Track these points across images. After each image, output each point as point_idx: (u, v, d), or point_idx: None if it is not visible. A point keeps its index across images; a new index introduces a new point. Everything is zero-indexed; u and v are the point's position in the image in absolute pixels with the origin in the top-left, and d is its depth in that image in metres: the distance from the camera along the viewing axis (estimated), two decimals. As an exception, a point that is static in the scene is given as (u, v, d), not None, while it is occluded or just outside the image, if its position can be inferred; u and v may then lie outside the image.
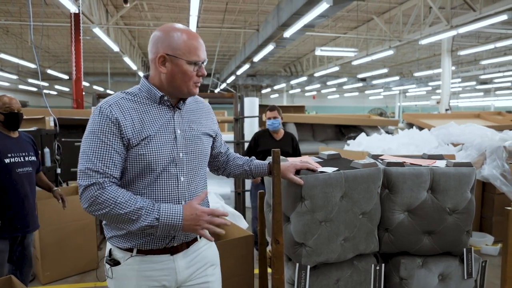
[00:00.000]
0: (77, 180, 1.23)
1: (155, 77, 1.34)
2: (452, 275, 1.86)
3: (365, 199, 1.74)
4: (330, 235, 1.69)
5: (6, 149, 2.48)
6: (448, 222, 1.82)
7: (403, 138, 4.91)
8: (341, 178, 1.68)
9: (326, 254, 1.71)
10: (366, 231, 1.77)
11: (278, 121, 3.81)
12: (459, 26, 8.87)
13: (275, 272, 1.59)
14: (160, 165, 1.29)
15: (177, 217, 1.21)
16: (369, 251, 1.81)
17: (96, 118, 1.24)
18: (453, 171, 1.80)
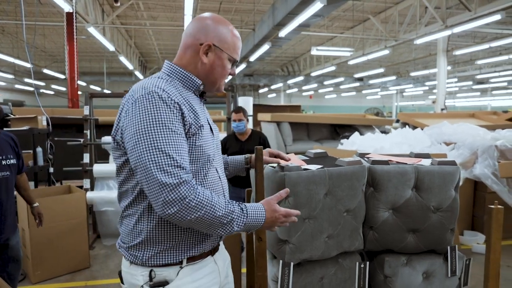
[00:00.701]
0: (155, 180, 1.02)
1: (190, 64, 1.23)
2: (436, 273, 1.86)
3: (349, 196, 1.74)
4: (314, 232, 1.70)
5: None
6: (432, 220, 1.83)
7: (396, 137, 4.92)
8: (325, 176, 1.68)
9: (310, 251, 1.71)
10: (350, 228, 1.78)
11: (243, 124, 3.66)
12: (454, 26, 8.90)
13: (258, 269, 1.59)
14: (211, 158, 1.22)
15: (260, 220, 1.15)
16: (353, 248, 1.81)
17: (156, 104, 1.07)
18: (437, 169, 1.81)
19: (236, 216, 1.10)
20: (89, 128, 4.46)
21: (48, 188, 4.14)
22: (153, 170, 1.03)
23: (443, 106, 11.64)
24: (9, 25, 13.96)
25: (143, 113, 1.06)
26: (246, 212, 1.13)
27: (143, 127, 1.05)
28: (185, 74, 1.23)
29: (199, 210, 1.04)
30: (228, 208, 1.10)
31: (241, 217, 1.11)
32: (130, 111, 1.09)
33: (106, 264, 3.80)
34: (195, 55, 1.22)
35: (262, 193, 1.55)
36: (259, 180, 1.54)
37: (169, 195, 1.01)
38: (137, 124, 1.06)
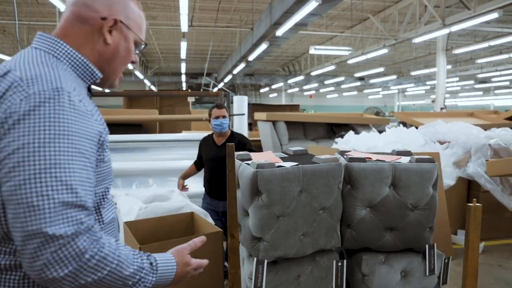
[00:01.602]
0: (35, 227, 0.68)
1: (84, 45, 0.89)
2: (415, 272, 1.85)
3: (324, 194, 1.73)
4: (288, 230, 1.69)
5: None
6: (410, 218, 1.81)
7: (390, 136, 4.90)
8: (299, 173, 1.67)
9: (284, 249, 1.70)
10: (326, 226, 1.77)
11: (227, 121, 3.01)
12: (452, 24, 8.85)
13: (231, 266, 1.59)
14: (111, 182, 0.96)
15: (170, 276, 0.94)
16: (329, 246, 1.80)
17: (62, 110, 0.74)
18: (414, 166, 1.80)
19: (145, 273, 0.85)
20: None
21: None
22: (38, 210, 0.69)
23: (442, 105, 11.59)
24: (10, 25, 14.02)
25: (42, 119, 0.72)
26: (156, 268, 0.89)
27: (37, 141, 0.71)
28: (81, 61, 0.88)
29: (102, 270, 0.74)
30: (137, 264, 0.83)
31: (150, 274, 0.86)
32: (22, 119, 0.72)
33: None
34: (92, 33, 0.89)
35: (234, 190, 1.54)
36: (231, 177, 1.54)
37: (58, 253, 0.69)
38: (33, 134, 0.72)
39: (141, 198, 3.32)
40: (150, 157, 4.70)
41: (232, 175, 1.52)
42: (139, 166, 4.30)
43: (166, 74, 24.92)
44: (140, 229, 2.50)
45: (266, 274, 1.67)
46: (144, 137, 4.92)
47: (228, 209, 1.55)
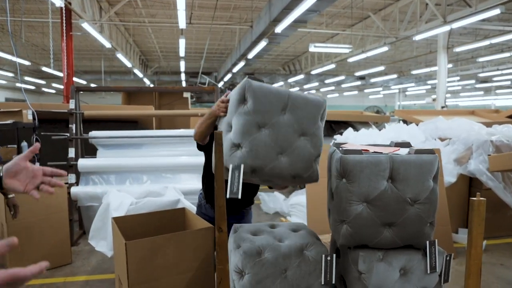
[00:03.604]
0: None
1: None
2: (414, 269, 1.76)
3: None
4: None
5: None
6: (409, 213, 1.72)
7: (390, 133, 4.81)
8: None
9: (263, 159, 1.72)
10: (306, 157, 1.82)
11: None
12: (453, 21, 8.76)
13: (219, 262, 1.50)
14: None
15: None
16: (307, 175, 1.84)
17: None
18: (414, 158, 1.71)
19: None
20: (75, 122, 4.37)
21: (31, 183, 4.05)
22: None
23: (443, 104, 11.48)
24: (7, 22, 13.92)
25: None
26: None
27: None
28: None
29: None
30: None
31: None
32: None
33: (88, 260, 3.72)
34: None
35: (222, 181, 1.45)
36: (219, 166, 1.44)
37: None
38: None
39: (134, 194, 3.23)
40: (144, 153, 4.61)
41: (220, 164, 1.42)
42: (133, 163, 4.21)
43: (166, 73, 24.84)
44: (128, 224, 2.41)
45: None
46: (138, 133, 4.82)
47: (216, 200, 1.45)
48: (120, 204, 2.79)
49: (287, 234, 1.93)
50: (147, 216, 2.54)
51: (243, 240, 1.82)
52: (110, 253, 2.64)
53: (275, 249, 1.74)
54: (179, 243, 2.07)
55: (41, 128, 4.64)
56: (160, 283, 2.04)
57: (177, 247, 2.07)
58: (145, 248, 1.99)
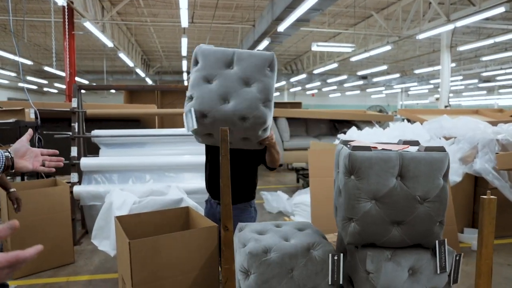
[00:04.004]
0: None
1: None
2: (423, 269, 1.72)
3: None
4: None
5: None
6: (418, 211, 1.68)
7: (394, 132, 4.77)
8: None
9: (209, 104, 1.90)
10: (249, 100, 1.89)
11: None
12: (457, 20, 8.71)
13: (225, 261, 1.46)
14: None
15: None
16: (252, 115, 1.89)
17: None
18: (424, 156, 1.67)
19: None
20: (78, 121, 4.35)
21: (33, 181, 4.04)
22: None
23: (446, 103, 11.42)
24: (12, 23, 13.93)
25: None
26: None
27: None
28: None
29: None
30: None
31: None
32: None
33: (91, 260, 3.70)
34: None
35: (228, 178, 1.42)
36: (224, 163, 1.41)
37: None
38: None
39: (137, 193, 3.20)
40: (147, 152, 4.58)
41: (226, 161, 1.39)
42: (136, 161, 4.19)
43: (168, 72, 24.84)
44: (132, 223, 2.38)
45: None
46: (140, 132, 4.80)
47: (221, 198, 1.42)
48: (123, 203, 2.76)
49: (293, 233, 1.89)
50: (151, 215, 2.51)
51: (248, 239, 1.79)
52: (113, 252, 2.61)
53: (281, 249, 1.71)
54: (183, 242, 2.04)
55: (43, 127, 4.62)
56: (164, 283, 2.01)
57: (181, 246, 2.04)
58: (148, 247, 1.96)
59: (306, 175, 6.92)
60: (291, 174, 8.49)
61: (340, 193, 1.79)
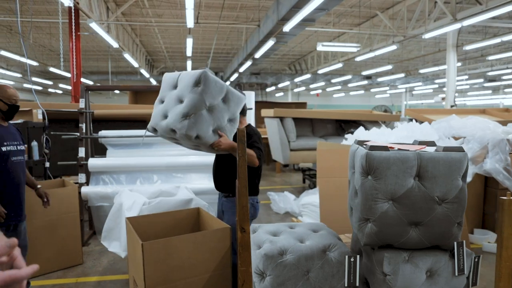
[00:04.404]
0: None
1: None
2: (442, 271, 1.69)
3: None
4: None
5: (2, 138, 2.55)
6: (437, 212, 1.65)
7: (402, 132, 4.72)
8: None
9: (202, 131, 2.22)
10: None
11: None
12: (464, 19, 8.64)
13: (242, 263, 1.44)
14: None
15: None
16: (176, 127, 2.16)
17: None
18: (442, 156, 1.64)
19: None
20: (85, 122, 4.34)
21: (41, 182, 4.03)
22: None
23: (452, 103, 11.35)
24: (16, 24, 14.00)
25: None
26: None
27: None
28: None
29: None
30: None
31: None
32: None
33: (99, 261, 3.69)
34: None
35: (245, 179, 1.40)
36: (242, 165, 1.39)
37: None
38: None
39: (146, 194, 3.19)
40: (154, 152, 4.57)
41: (243, 162, 1.37)
42: (143, 162, 4.17)
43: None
44: (143, 225, 2.36)
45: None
46: (147, 132, 4.79)
47: (238, 200, 1.40)
48: (133, 204, 2.75)
49: (308, 234, 1.87)
50: (161, 216, 2.49)
51: (263, 241, 1.77)
52: (123, 254, 2.60)
53: (297, 250, 1.69)
54: (196, 243, 2.02)
55: (50, 128, 4.62)
56: (176, 285, 2.00)
57: (194, 248, 2.02)
58: (161, 249, 1.94)
59: (313, 176, 6.89)
60: (297, 175, 8.46)
61: (356, 193, 1.77)
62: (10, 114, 2.64)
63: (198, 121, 2.27)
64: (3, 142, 2.54)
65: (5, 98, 2.59)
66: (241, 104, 2.51)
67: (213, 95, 2.32)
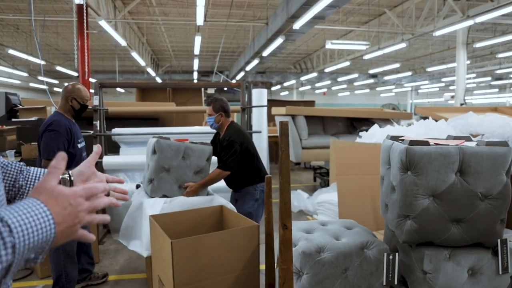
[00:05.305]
0: None
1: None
2: (484, 270, 1.63)
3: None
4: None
5: (77, 135, 2.77)
6: (480, 209, 1.60)
7: (418, 129, 4.65)
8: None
9: (167, 191, 2.67)
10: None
11: (212, 119, 3.02)
12: (476, 16, 8.54)
13: (283, 261, 1.39)
14: None
15: (45, 226, 0.61)
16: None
17: None
18: (486, 150, 1.58)
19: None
20: (99, 119, 4.31)
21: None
22: None
23: (462, 101, 11.24)
24: (24, 23, 14.04)
25: None
26: (7, 224, 0.57)
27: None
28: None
29: None
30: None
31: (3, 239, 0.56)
32: None
33: (116, 259, 3.65)
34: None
35: (288, 174, 1.35)
36: (284, 159, 1.34)
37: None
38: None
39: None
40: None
41: (286, 157, 1.32)
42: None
43: (177, 72, 24.86)
44: (167, 223, 2.31)
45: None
46: (161, 130, 4.75)
47: (280, 196, 1.35)
48: (154, 202, 2.71)
49: (342, 231, 1.82)
50: (185, 214, 2.45)
51: (298, 238, 1.72)
52: (146, 253, 2.55)
53: (335, 248, 1.64)
54: (225, 241, 1.97)
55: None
56: (204, 284, 1.95)
57: (223, 246, 1.97)
58: (190, 247, 1.89)
59: (324, 174, 6.83)
60: (307, 173, 8.40)
61: (393, 190, 1.72)
62: (80, 113, 2.84)
63: (161, 183, 2.77)
64: (78, 139, 2.76)
65: (79, 97, 2.75)
66: (205, 155, 2.87)
67: (170, 158, 2.76)
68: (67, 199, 0.66)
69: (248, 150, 3.02)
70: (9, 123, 4.30)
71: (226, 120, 3.05)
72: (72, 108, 2.76)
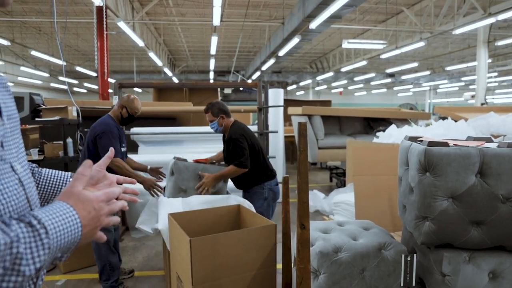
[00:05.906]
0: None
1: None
2: (506, 274, 1.61)
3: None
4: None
5: (122, 139, 2.95)
6: (501, 211, 1.57)
7: (438, 130, 4.59)
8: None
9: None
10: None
11: (215, 124, 3.02)
12: (498, 13, 8.35)
13: (300, 260, 1.40)
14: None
15: (74, 228, 0.68)
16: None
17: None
18: (508, 152, 1.56)
19: (24, 242, 0.59)
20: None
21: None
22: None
23: (483, 101, 11.00)
24: (45, 25, 14.40)
25: None
26: (44, 226, 0.62)
27: None
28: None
29: None
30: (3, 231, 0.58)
31: (34, 240, 0.60)
32: None
33: (134, 256, 3.72)
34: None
35: (306, 174, 1.36)
36: (302, 160, 1.35)
37: None
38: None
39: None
40: (185, 150, 4.60)
41: (304, 157, 1.33)
42: (176, 159, 4.19)
43: (193, 72, 25.08)
44: (184, 221, 2.35)
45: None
46: (178, 129, 4.82)
47: (298, 196, 1.37)
48: (171, 201, 2.75)
49: (360, 232, 1.82)
50: (202, 212, 2.48)
51: (315, 238, 1.73)
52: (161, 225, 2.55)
53: (352, 248, 1.64)
54: (242, 240, 2.00)
55: (83, 125, 4.70)
56: (222, 282, 1.98)
57: (240, 245, 1.99)
58: (208, 246, 1.92)
59: (340, 174, 6.80)
60: (323, 173, 8.37)
61: (412, 191, 1.71)
62: (126, 122, 3.01)
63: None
64: (122, 143, 2.94)
65: (130, 108, 2.93)
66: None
67: (187, 179, 2.88)
68: (92, 204, 0.73)
69: (254, 147, 2.98)
70: (32, 122, 4.43)
71: (229, 121, 3.03)
72: (121, 115, 2.95)
